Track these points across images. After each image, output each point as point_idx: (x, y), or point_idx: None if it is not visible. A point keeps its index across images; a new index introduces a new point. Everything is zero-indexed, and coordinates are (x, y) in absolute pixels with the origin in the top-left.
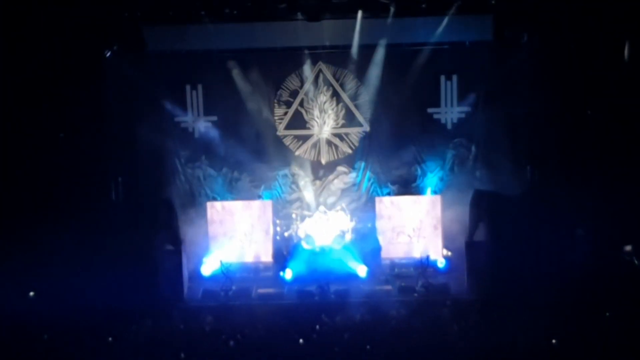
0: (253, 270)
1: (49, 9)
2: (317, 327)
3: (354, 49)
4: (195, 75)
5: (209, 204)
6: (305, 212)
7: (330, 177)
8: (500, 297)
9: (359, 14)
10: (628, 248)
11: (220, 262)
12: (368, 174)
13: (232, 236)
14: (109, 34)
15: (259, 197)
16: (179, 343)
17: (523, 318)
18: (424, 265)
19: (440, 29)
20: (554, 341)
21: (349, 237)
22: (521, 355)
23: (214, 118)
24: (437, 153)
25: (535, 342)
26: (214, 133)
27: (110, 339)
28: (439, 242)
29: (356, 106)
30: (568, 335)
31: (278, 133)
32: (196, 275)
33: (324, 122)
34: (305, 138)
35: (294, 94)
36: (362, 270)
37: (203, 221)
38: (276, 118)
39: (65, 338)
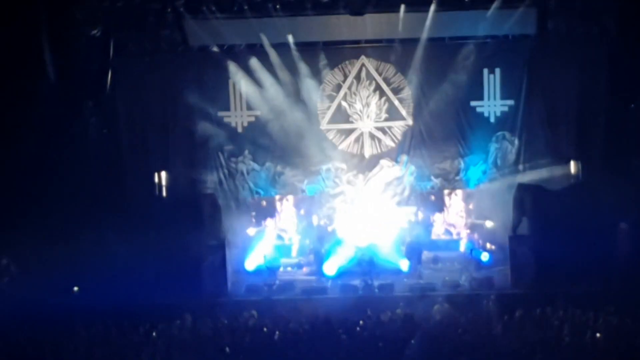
0: (297, 265)
1: (93, 4)
2: (361, 321)
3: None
4: (238, 69)
5: (252, 199)
6: (349, 206)
7: (374, 170)
8: (544, 291)
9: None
10: None
11: (264, 256)
12: (411, 167)
13: (276, 230)
14: (152, 29)
15: (303, 191)
16: (223, 338)
17: (567, 312)
18: (468, 259)
19: (483, 22)
20: (598, 335)
21: (392, 230)
22: (566, 349)
23: (257, 112)
24: (480, 146)
25: (579, 336)
26: (257, 128)
27: (154, 333)
28: (482, 236)
29: (399, 100)
30: (613, 329)
31: (321, 127)
32: (240, 269)
33: (367, 115)
34: (348, 132)
35: (337, 88)
36: (405, 265)
37: (246, 216)
38: (319, 112)
39: (109, 333)
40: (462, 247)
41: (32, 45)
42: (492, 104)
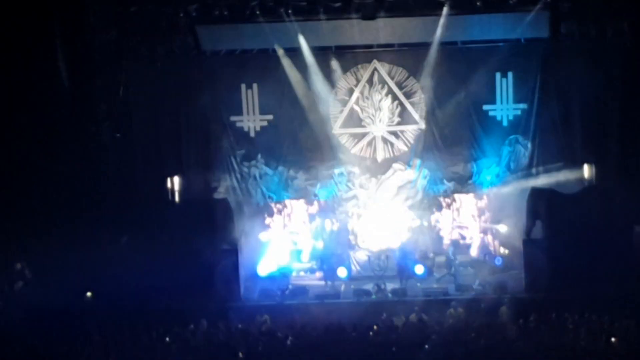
0: (309, 269)
1: (106, 8)
2: (375, 326)
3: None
4: (250, 74)
5: (264, 203)
6: (362, 210)
7: (386, 174)
8: (558, 295)
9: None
10: None
11: (276, 261)
12: (424, 171)
13: (288, 235)
14: (164, 34)
15: (315, 196)
16: (236, 342)
17: (582, 316)
18: (482, 263)
19: (496, 26)
20: (613, 339)
21: (405, 235)
22: (580, 353)
23: (270, 117)
24: (493, 150)
25: (595, 340)
26: (269, 132)
27: (167, 339)
28: (496, 239)
29: (411, 104)
30: (627, 333)
31: (334, 131)
32: (253, 274)
33: (380, 119)
34: (360, 136)
35: (349, 92)
36: (418, 269)
37: (259, 220)
38: (332, 116)
39: (123, 337)
40: (475, 251)
41: (45, 50)
42: (505, 108)
